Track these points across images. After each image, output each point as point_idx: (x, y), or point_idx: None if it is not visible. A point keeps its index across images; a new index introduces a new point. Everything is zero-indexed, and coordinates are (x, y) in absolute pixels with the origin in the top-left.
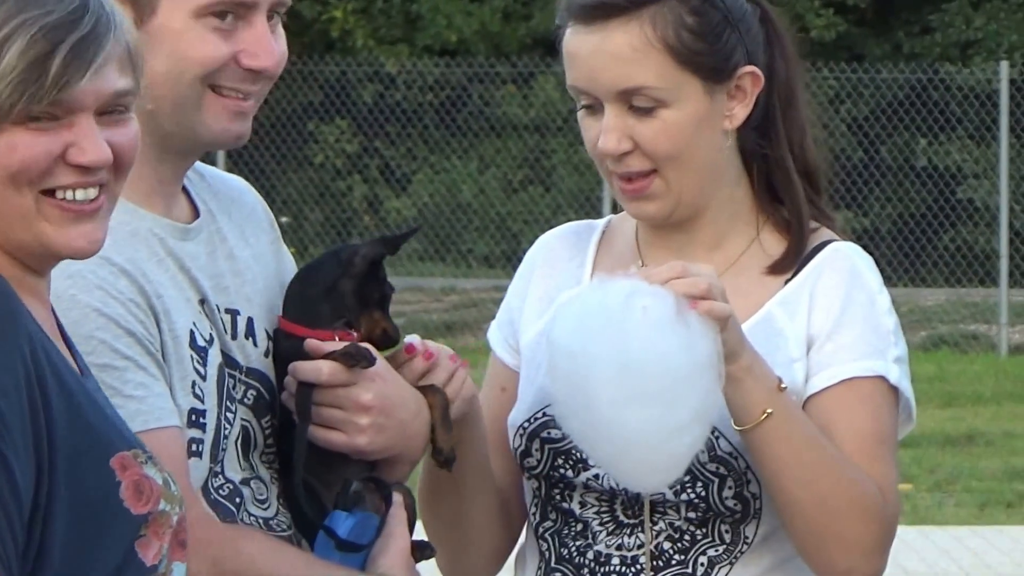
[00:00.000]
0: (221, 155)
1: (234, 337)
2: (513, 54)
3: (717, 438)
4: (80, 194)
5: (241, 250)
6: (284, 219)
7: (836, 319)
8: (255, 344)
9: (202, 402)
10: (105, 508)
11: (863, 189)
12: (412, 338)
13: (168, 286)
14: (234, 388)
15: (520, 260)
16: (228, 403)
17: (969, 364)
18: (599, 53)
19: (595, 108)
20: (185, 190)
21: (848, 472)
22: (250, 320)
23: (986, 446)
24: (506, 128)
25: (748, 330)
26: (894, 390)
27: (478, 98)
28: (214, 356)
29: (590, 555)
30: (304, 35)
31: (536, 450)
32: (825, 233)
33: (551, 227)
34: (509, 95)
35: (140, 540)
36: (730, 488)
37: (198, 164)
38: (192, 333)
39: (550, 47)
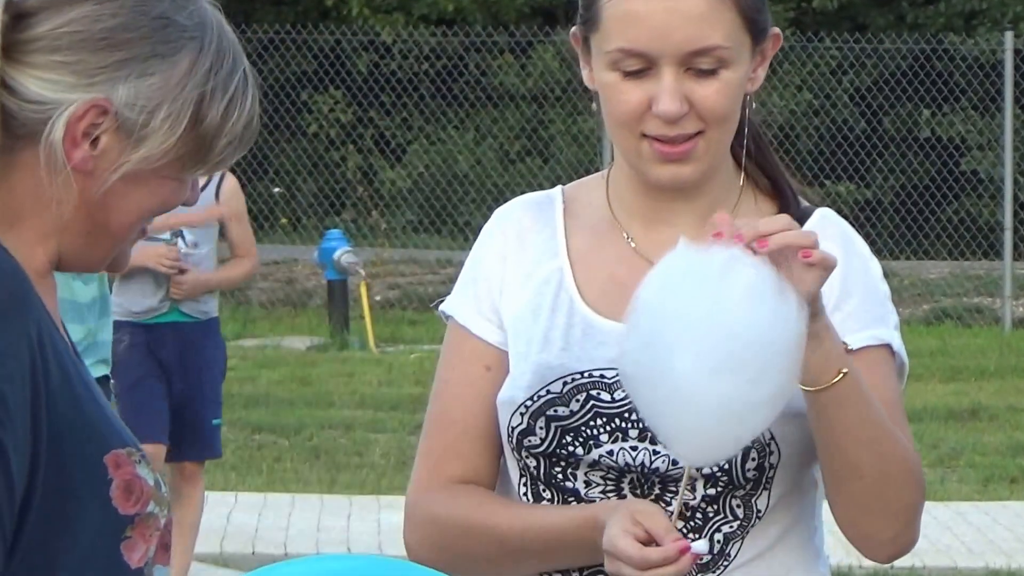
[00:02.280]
0: None
1: None
2: (511, 23)
3: None
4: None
5: None
6: (277, 189)
7: (839, 289)
8: None
9: None
10: (92, 505)
11: (865, 160)
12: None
13: None
14: None
15: None
16: None
17: (973, 338)
18: (674, 11)
19: (640, 72)
20: None
21: (901, 438)
22: None
23: (989, 421)
24: (503, 98)
25: None
26: (897, 357)
27: (475, 68)
28: None
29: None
30: (298, 3)
31: (540, 428)
32: (801, 200)
33: None
34: (506, 65)
35: (126, 542)
36: (753, 460)
37: None
38: None
39: (549, 17)
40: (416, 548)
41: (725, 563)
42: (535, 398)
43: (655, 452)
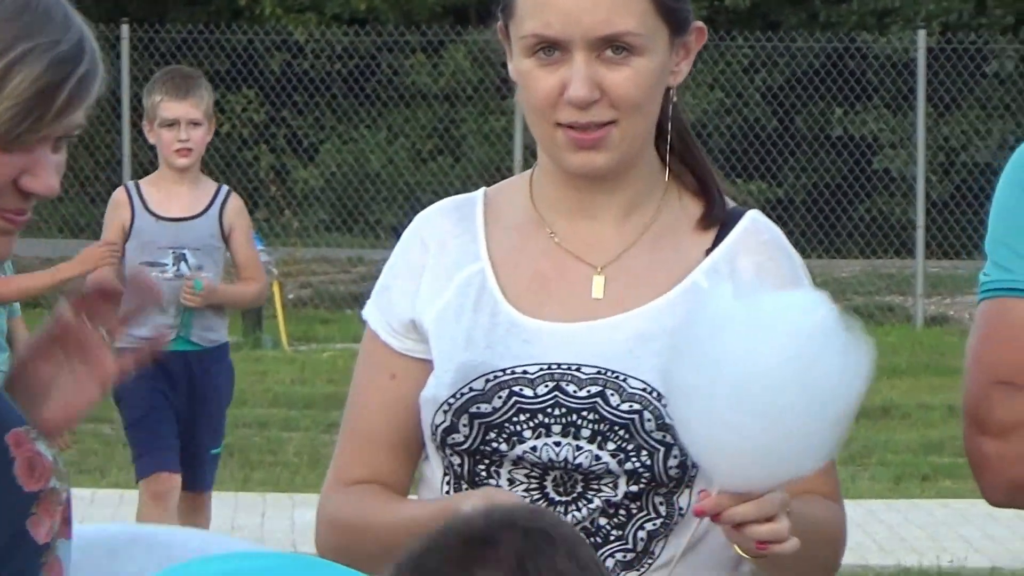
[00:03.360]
0: (126, 124)
1: None
2: (423, 23)
3: (665, 406)
4: (13, 213)
5: None
6: None
7: None
8: None
9: None
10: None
11: (777, 159)
12: None
13: None
14: None
15: None
16: None
17: (884, 336)
18: None
19: (554, 58)
20: None
21: (828, 526)
22: None
23: (901, 419)
24: (415, 98)
25: (675, 299)
26: None
27: (387, 67)
28: None
29: None
30: (211, 3)
31: (464, 425)
32: (728, 200)
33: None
34: (418, 64)
35: (31, 518)
36: (675, 457)
37: None
38: None
39: (461, 16)
40: (322, 549)
41: (649, 561)
42: (458, 395)
43: (578, 448)
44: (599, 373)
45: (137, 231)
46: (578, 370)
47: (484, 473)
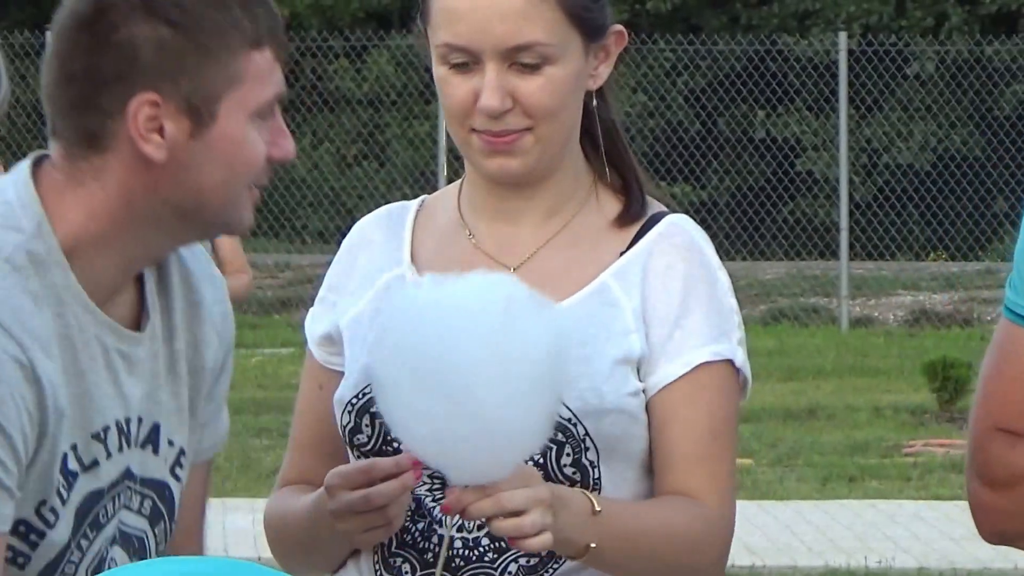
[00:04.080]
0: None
1: (131, 446)
2: (346, 28)
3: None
4: None
5: (164, 345)
6: None
7: (680, 302)
8: (155, 452)
9: (48, 525)
10: None
11: (701, 162)
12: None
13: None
14: (130, 499)
15: None
16: (88, 530)
17: (810, 337)
18: (491, 7)
19: (467, 66)
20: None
21: (680, 528)
22: (155, 426)
23: (827, 420)
24: (339, 103)
25: (582, 300)
26: (739, 373)
27: (310, 72)
28: (83, 483)
29: (435, 539)
30: None
31: (366, 425)
32: (655, 204)
33: (386, 202)
34: (342, 69)
35: None
36: (568, 455)
37: None
38: (65, 456)
39: (383, 21)
40: (270, 549)
41: (554, 566)
42: (360, 395)
43: None
44: None
45: None
46: None
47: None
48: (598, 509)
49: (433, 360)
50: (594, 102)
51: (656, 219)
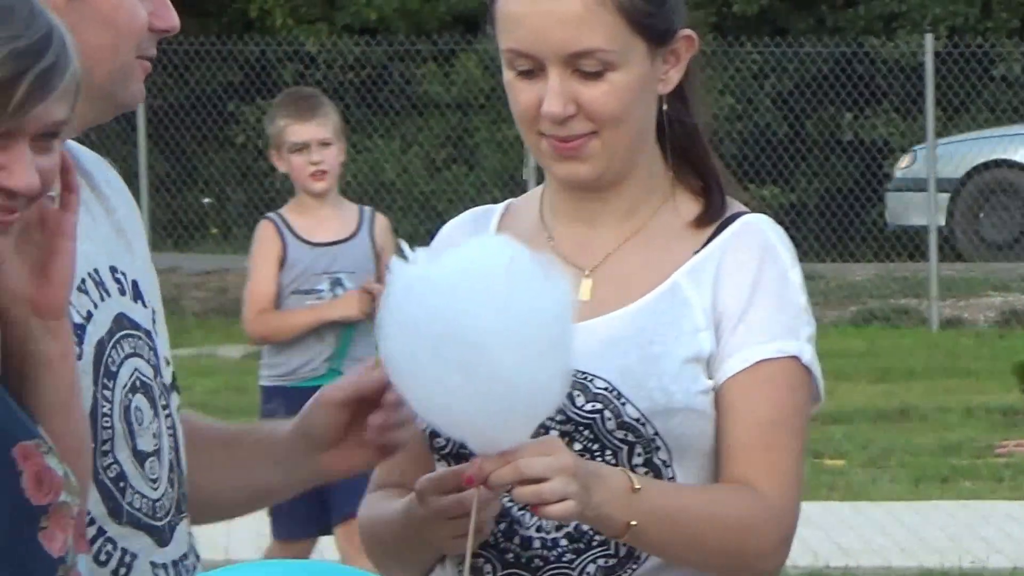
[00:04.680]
0: (142, 136)
1: (132, 299)
2: (433, 32)
3: (623, 404)
4: None
5: (108, 214)
6: (207, 200)
7: (747, 298)
8: (144, 306)
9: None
10: (5, 497)
11: (789, 164)
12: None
13: None
14: (143, 351)
15: None
16: (105, 380)
17: (900, 339)
18: (550, 14)
19: (533, 72)
20: None
21: (728, 511)
22: (135, 282)
23: (919, 421)
24: (428, 107)
25: (654, 300)
26: (806, 370)
27: (399, 76)
28: (92, 333)
29: (516, 540)
30: (223, 14)
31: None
32: (736, 205)
33: (475, 206)
34: (430, 73)
35: (43, 532)
36: (639, 455)
37: None
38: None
39: (471, 24)
40: (366, 553)
41: (633, 566)
42: None
43: None
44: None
45: (292, 261)
46: None
47: None
48: (637, 487)
49: (444, 330)
50: (664, 106)
51: (733, 219)
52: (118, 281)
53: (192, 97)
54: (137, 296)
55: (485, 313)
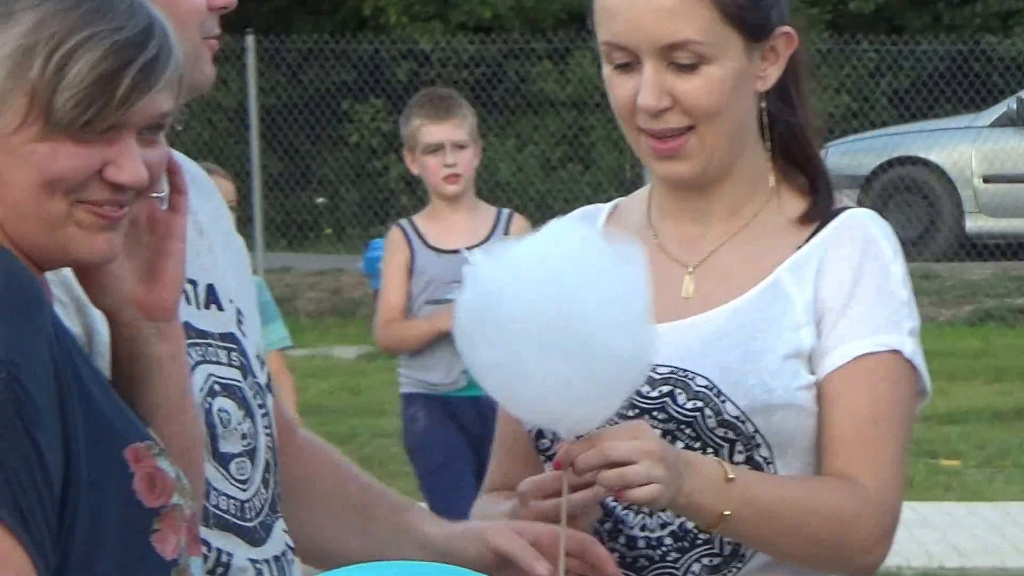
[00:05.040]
0: (255, 136)
1: (198, 307)
2: (548, 30)
3: (723, 402)
4: (107, 208)
5: (195, 214)
6: (320, 200)
7: (848, 292)
8: (220, 309)
9: None
10: (117, 499)
11: None
12: None
13: None
14: (211, 355)
15: None
16: None
17: (1016, 338)
18: (644, 6)
19: (629, 66)
20: None
21: (825, 502)
22: (210, 287)
23: None
24: (543, 105)
25: (756, 296)
26: (909, 364)
27: (514, 75)
28: None
29: (621, 540)
30: (337, 13)
31: (548, 431)
32: (842, 201)
33: (591, 204)
34: (545, 71)
35: (156, 534)
36: (740, 453)
37: None
38: None
39: (586, 22)
40: None
41: (738, 565)
42: None
43: None
44: (671, 373)
45: (419, 268)
46: (653, 371)
47: None
48: (731, 476)
49: (547, 320)
50: (762, 103)
51: (836, 214)
52: (183, 291)
53: (306, 96)
54: (210, 301)
55: (586, 295)
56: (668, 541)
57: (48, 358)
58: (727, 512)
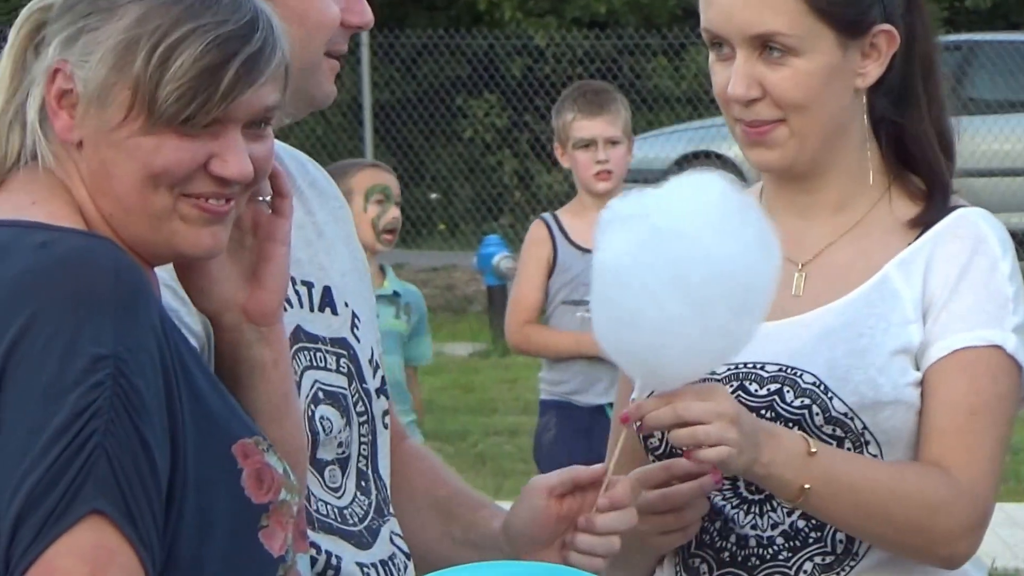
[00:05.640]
0: (368, 131)
1: (311, 310)
2: (663, 25)
3: (831, 399)
4: (213, 202)
5: (306, 216)
6: (434, 195)
7: (953, 287)
8: (334, 313)
9: None
10: (226, 495)
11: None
12: None
13: None
14: (318, 360)
15: None
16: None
17: None
18: None
19: (727, 54)
20: None
21: (912, 486)
22: (326, 289)
23: None
24: (658, 101)
25: (865, 292)
26: (1011, 360)
27: (629, 71)
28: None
29: (732, 539)
30: (451, 8)
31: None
32: (957, 199)
33: None
34: (660, 67)
35: (264, 531)
36: (848, 450)
37: None
38: None
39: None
40: None
41: (851, 563)
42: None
43: None
44: (780, 370)
45: (561, 266)
46: (762, 368)
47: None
48: (814, 450)
49: (688, 271)
50: (861, 101)
51: (947, 212)
52: (296, 293)
53: (419, 91)
54: (325, 304)
55: (729, 246)
56: (779, 540)
57: (155, 353)
58: (807, 486)
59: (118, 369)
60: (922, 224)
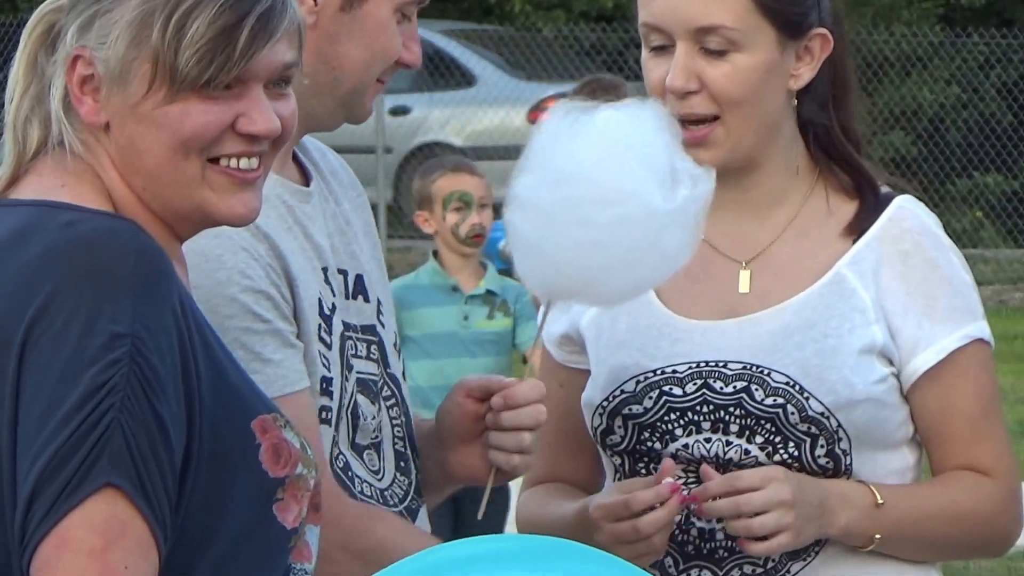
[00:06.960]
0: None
1: (347, 297)
2: None
3: (807, 399)
4: (244, 162)
5: (336, 206)
6: None
7: (923, 290)
8: (366, 300)
9: (328, 371)
10: (243, 469)
11: (1012, 152)
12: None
13: (297, 253)
14: (354, 348)
15: None
16: (346, 372)
17: None
18: None
19: (664, 49)
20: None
21: (965, 508)
22: (359, 277)
23: None
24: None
25: (820, 291)
26: (989, 345)
27: (635, 64)
28: (337, 325)
29: (693, 532)
30: (462, 1)
31: (619, 427)
32: (883, 184)
33: None
34: None
35: (278, 503)
36: (822, 447)
37: None
38: (320, 302)
39: None
40: None
41: (815, 549)
42: (611, 398)
43: (728, 443)
44: (744, 369)
45: None
46: (724, 366)
47: (644, 471)
48: (881, 502)
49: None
50: (793, 101)
51: (884, 203)
52: (329, 282)
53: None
54: (358, 292)
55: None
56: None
57: (173, 333)
58: (878, 536)
59: (135, 347)
60: (862, 219)
